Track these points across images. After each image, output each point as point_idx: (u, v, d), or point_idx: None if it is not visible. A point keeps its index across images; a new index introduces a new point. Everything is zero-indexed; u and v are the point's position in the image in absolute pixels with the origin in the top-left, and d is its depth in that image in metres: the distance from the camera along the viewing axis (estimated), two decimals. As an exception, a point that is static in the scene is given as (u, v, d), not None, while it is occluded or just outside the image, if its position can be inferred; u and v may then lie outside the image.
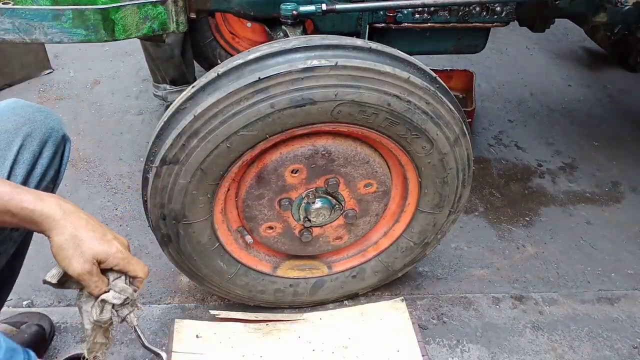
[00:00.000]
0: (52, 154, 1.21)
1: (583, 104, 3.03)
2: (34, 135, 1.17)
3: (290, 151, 1.37)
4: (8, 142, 1.13)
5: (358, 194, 1.50)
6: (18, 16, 1.30)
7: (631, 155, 2.61)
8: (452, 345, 1.67)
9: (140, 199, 1.46)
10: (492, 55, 3.45)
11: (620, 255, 2.05)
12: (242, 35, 2.68)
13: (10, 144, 1.13)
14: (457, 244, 2.06)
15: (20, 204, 0.93)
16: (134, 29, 1.42)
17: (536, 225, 2.18)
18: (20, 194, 0.94)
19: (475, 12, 1.72)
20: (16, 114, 1.17)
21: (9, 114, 1.17)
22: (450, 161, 1.44)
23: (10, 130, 1.14)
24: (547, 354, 1.65)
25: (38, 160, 1.18)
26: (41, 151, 1.19)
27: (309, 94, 1.24)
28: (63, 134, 1.25)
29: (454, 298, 1.83)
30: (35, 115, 1.20)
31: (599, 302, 1.85)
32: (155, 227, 1.41)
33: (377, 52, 1.32)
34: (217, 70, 1.27)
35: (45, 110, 1.24)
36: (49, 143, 1.21)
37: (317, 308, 1.75)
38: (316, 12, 1.50)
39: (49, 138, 1.21)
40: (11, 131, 1.14)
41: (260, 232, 1.51)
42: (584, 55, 3.55)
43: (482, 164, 2.50)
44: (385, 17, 1.71)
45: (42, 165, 1.19)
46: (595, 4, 1.79)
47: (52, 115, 1.24)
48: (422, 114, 1.33)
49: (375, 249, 1.68)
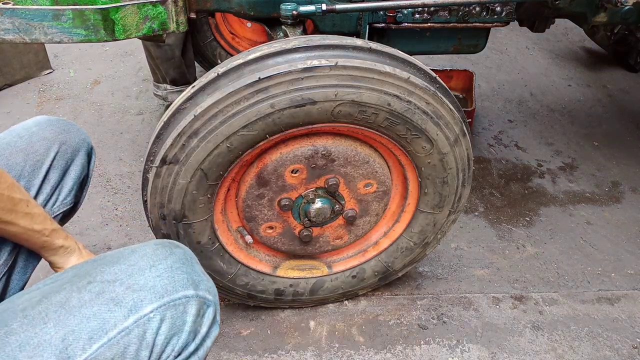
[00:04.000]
0: (82, 162, 1.32)
1: (583, 104, 3.03)
2: (68, 144, 1.28)
3: (290, 151, 1.37)
4: (47, 147, 1.23)
5: (358, 194, 1.50)
6: (18, 16, 1.30)
7: (631, 155, 2.61)
8: (452, 345, 1.67)
9: (140, 199, 1.47)
10: (492, 55, 3.45)
11: (620, 255, 2.05)
12: (242, 35, 2.68)
13: (49, 150, 1.23)
14: (457, 244, 2.06)
15: (56, 242, 1.11)
16: (134, 29, 1.42)
17: (536, 225, 2.18)
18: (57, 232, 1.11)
19: (475, 12, 1.72)
20: (52, 125, 1.28)
21: (45, 125, 1.27)
22: (450, 161, 1.44)
23: (48, 137, 1.24)
24: (547, 354, 1.65)
25: (70, 166, 1.29)
26: (74, 159, 1.29)
27: (309, 94, 1.24)
28: (92, 145, 1.37)
29: (454, 298, 1.83)
30: (69, 126, 1.31)
31: (599, 302, 1.85)
32: (155, 227, 1.42)
33: (377, 52, 1.32)
34: (217, 70, 1.27)
35: (75, 124, 1.35)
36: (81, 152, 1.31)
37: (317, 308, 1.76)
38: (316, 12, 1.50)
39: (81, 147, 1.31)
40: (49, 138, 1.24)
41: (260, 232, 1.51)
42: (584, 55, 3.55)
43: (482, 164, 2.50)
44: (385, 17, 1.71)
45: (74, 172, 1.29)
46: (595, 4, 1.79)
47: (82, 128, 1.35)
48: (422, 114, 1.33)
49: (375, 249, 1.68)
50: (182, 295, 0.89)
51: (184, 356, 0.90)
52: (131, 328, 0.84)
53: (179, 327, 0.88)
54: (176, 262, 0.92)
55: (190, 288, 0.91)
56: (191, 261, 0.96)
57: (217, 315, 0.96)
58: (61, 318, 0.82)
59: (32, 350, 0.78)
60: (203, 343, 0.93)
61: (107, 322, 0.83)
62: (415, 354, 1.64)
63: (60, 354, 0.79)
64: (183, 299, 0.89)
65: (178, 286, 0.89)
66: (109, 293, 0.86)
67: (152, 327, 0.85)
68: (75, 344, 0.81)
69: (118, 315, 0.84)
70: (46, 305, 0.83)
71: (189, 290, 0.90)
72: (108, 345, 0.82)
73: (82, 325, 0.82)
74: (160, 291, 0.87)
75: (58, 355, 0.79)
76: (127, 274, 0.88)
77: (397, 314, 1.76)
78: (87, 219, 2.09)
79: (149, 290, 0.87)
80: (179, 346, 0.89)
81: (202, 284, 0.94)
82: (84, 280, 0.87)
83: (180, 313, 0.88)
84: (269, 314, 1.74)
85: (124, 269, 0.89)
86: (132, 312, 0.85)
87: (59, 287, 0.87)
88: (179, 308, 0.88)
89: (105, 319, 0.83)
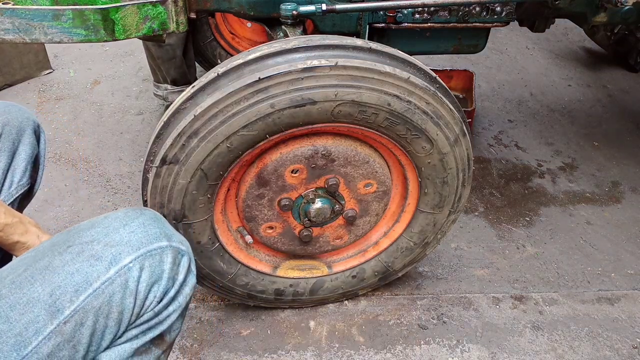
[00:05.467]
0: (31, 141, 1.27)
1: (583, 104, 3.03)
2: (11, 124, 1.24)
3: (290, 151, 1.37)
4: None
5: (358, 194, 1.50)
6: (18, 16, 1.30)
7: (631, 155, 2.62)
8: (452, 345, 1.67)
9: (140, 199, 1.46)
10: (492, 55, 3.45)
11: (620, 255, 2.05)
12: (242, 35, 2.68)
13: None
14: (457, 244, 2.06)
15: (11, 237, 1.07)
16: (134, 29, 1.42)
17: (536, 225, 2.18)
18: (11, 226, 1.07)
19: (475, 12, 1.72)
20: None
21: None
22: (450, 161, 1.44)
23: None
24: (547, 354, 1.65)
25: (19, 147, 1.25)
26: (20, 139, 1.25)
27: (309, 94, 1.24)
28: (38, 123, 1.32)
29: (454, 298, 1.83)
30: (9, 107, 1.27)
31: (599, 302, 1.85)
32: (155, 227, 1.41)
33: (377, 52, 1.32)
34: (217, 70, 1.27)
35: (16, 104, 1.31)
36: (27, 131, 1.27)
37: (317, 308, 1.76)
38: (316, 12, 1.50)
39: (26, 126, 1.27)
40: None
41: (260, 232, 1.51)
42: (584, 55, 3.55)
43: (482, 164, 2.50)
44: (385, 17, 1.71)
45: (24, 152, 1.26)
46: (595, 4, 1.79)
47: (24, 107, 1.31)
48: (422, 114, 1.33)
49: (375, 249, 1.68)
50: (157, 246, 0.95)
51: (165, 301, 0.96)
52: (113, 278, 0.90)
53: (158, 274, 0.94)
54: (147, 220, 0.98)
55: (164, 240, 0.97)
56: (161, 220, 1.02)
57: (191, 265, 1.02)
58: (47, 277, 0.87)
59: (23, 307, 0.84)
60: (181, 289, 0.99)
61: (90, 275, 0.89)
62: (415, 354, 1.64)
63: (49, 308, 0.85)
64: (158, 249, 0.95)
65: (152, 239, 0.95)
66: (88, 251, 0.91)
67: (133, 275, 0.91)
68: (62, 297, 0.86)
69: (100, 268, 0.89)
70: (31, 271, 0.88)
71: (162, 242, 0.96)
72: (94, 295, 0.88)
73: (67, 280, 0.87)
74: (136, 244, 0.93)
75: (47, 309, 0.85)
76: (103, 234, 0.94)
77: (397, 314, 1.76)
78: (87, 219, 2.09)
79: (125, 245, 0.92)
80: (160, 292, 0.95)
81: (174, 237, 1.00)
82: (63, 246, 0.92)
83: (158, 262, 0.94)
84: (269, 314, 1.74)
85: (99, 231, 0.94)
86: (112, 264, 0.90)
87: (40, 255, 0.92)
88: (156, 257, 0.94)
89: (88, 273, 0.89)
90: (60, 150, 2.46)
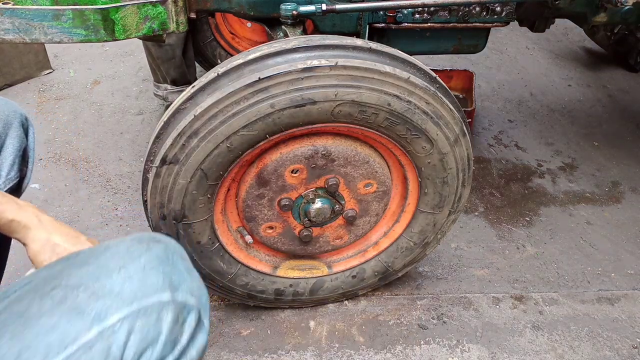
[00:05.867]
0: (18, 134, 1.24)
1: (583, 104, 3.03)
2: None
3: (290, 151, 1.37)
4: None
5: (358, 194, 1.50)
6: (18, 16, 1.30)
7: (631, 155, 2.61)
8: (452, 345, 1.67)
9: (140, 199, 1.46)
10: (492, 55, 3.45)
11: (620, 255, 2.05)
12: (242, 35, 2.68)
13: None
14: (457, 244, 2.06)
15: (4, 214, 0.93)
16: (134, 29, 1.42)
17: (536, 225, 2.18)
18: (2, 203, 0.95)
19: (475, 12, 1.72)
20: None
21: None
22: (450, 161, 1.44)
23: None
24: (547, 354, 1.65)
25: (6, 140, 1.20)
26: (7, 132, 1.21)
27: (309, 94, 1.24)
28: (26, 116, 1.28)
29: (454, 298, 1.83)
30: None
31: (599, 302, 1.85)
32: (155, 227, 1.41)
33: (377, 52, 1.32)
34: (217, 70, 1.27)
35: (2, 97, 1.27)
36: (14, 124, 1.23)
37: (317, 308, 1.76)
38: (316, 12, 1.50)
39: (13, 119, 1.23)
40: None
41: (260, 232, 1.51)
42: (584, 55, 3.55)
43: (482, 164, 2.50)
44: (385, 17, 1.71)
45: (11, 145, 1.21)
46: (595, 4, 1.79)
47: (10, 101, 1.27)
48: (422, 114, 1.33)
49: (375, 249, 1.68)
50: (155, 301, 0.78)
51: None
52: (93, 342, 0.73)
53: (153, 338, 0.77)
54: (151, 261, 0.81)
55: (166, 291, 0.79)
56: (172, 258, 0.85)
57: (203, 320, 0.84)
58: (18, 330, 0.74)
59: None
60: (185, 353, 0.81)
61: (67, 335, 0.73)
62: (415, 354, 1.64)
63: None
64: (156, 305, 0.78)
65: (150, 290, 0.78)
66: (71, 300, 0.76)
67: (118, 339, 0.74)
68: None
69: (79, 326, 0.74)
70: (6, 315, 0.76)
71: (164, 294, 0.79)
72: None
73: (39, 339, 0.73)
74: (129, 297, 0.77)
75: None
76: (93, 277, 0.78)
77: (397, 314, 1.76)
78: (87, 219, 2.09)
79: (115, 297, 0.76)
80: None
81: (183, 285, 0.82)
82: (48, 285, 0.79)
83: (154, 322, 0.77)
84: (269, 314, 1.74)
85: (91, 271, 0.79)
86: (95, 323, 0.74)
87: (25, 293, 0.79)
88: (152, 316, 0.77)
89: (65, 332, 0.73)
90: (60, 150, 2.46)
